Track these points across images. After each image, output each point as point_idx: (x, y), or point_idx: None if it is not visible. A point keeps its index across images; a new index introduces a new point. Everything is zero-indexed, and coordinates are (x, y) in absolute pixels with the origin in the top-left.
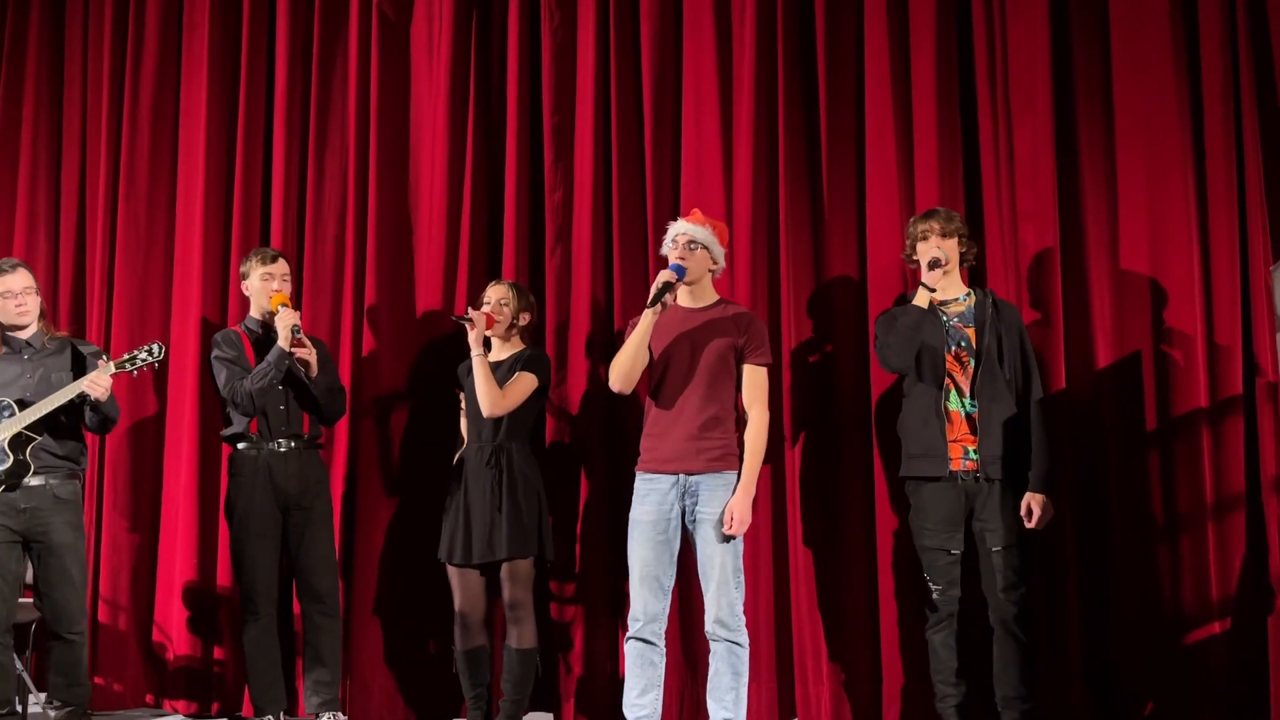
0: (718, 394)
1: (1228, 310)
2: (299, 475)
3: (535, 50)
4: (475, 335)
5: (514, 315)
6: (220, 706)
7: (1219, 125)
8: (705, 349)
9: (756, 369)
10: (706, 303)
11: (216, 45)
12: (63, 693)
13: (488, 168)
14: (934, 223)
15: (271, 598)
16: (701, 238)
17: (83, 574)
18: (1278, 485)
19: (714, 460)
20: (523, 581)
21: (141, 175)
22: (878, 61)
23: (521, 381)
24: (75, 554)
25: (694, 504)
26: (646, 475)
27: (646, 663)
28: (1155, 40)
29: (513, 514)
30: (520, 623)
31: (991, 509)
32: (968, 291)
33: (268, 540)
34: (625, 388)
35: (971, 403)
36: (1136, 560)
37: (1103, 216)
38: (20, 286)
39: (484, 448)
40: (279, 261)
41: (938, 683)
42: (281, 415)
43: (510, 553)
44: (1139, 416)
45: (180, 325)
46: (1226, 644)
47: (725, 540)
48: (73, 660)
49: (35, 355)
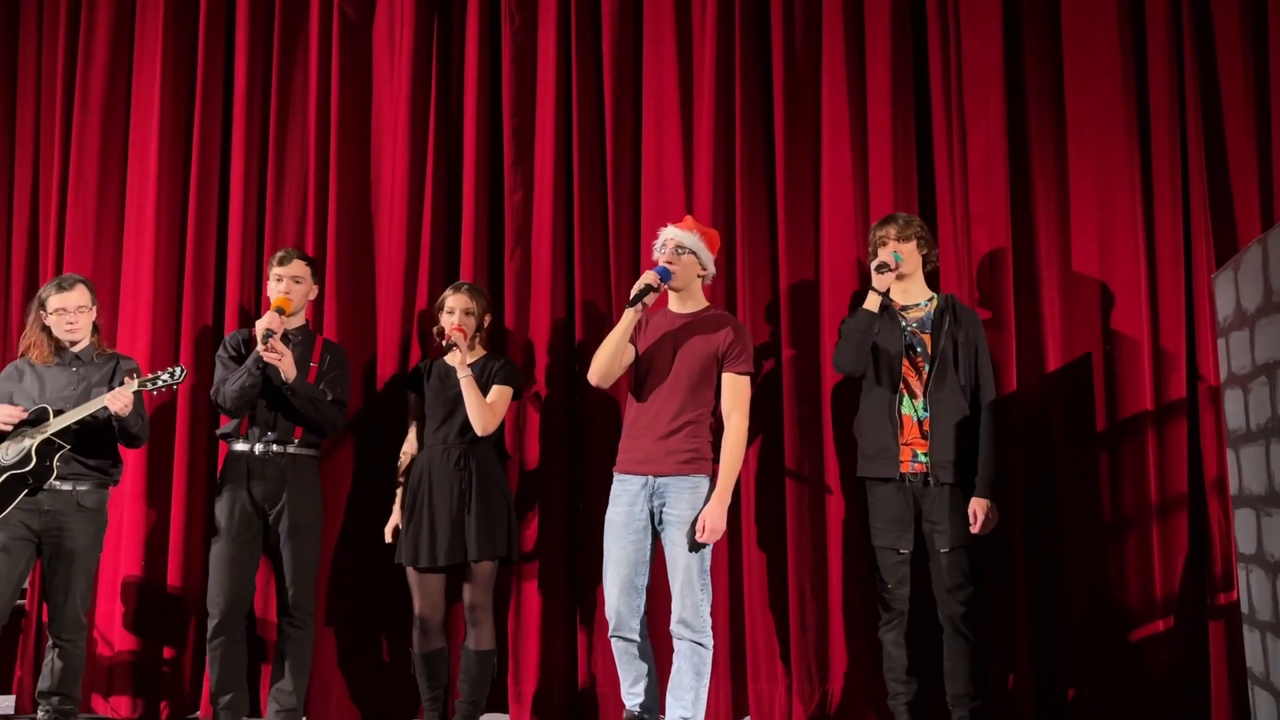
0: (696, 399)
1: (1173, 316)
2: (279, 480)
3: (496, 52)
4: (460, 358)
5: (479, 320)
6: (170, 707)
7: (1165, 135)
8: (688, 354)
9: (737, 378)
10: (695, 309)
11: (171, 41)
12: (51, 700)
13: (448, 169)
14: (890, 228)
15: (241, 602)
16: (690, 243)
17: (89, 584)
18: (1218, 487)
19: (683, 463)
20: (484, 583)
21: (90, 173)
22: (834, 68)
23: (504, 396)
24: (84, 563)
25: (661, 505)
26: (620, 476)
27: (630, 657)
28: (1104, 50)
29: (482, 515)
30: (480, 624)
31: (940, 511)
32: (930, 296)
33: (240, 544)
34: (603, 382)
35: (924, 407)
36: (1084, 559)
37: (1053, 221)
38: (75, 305)
39: (450, 450)
40: (291, 263)
41: (889, 680)
42: (268, 419)
43: (480, 554)
44: (1088, 418)
45: (129, 324)
46: (1169, 642)
47: (694, 547)
48: (66, 668)
49: (82, 368)
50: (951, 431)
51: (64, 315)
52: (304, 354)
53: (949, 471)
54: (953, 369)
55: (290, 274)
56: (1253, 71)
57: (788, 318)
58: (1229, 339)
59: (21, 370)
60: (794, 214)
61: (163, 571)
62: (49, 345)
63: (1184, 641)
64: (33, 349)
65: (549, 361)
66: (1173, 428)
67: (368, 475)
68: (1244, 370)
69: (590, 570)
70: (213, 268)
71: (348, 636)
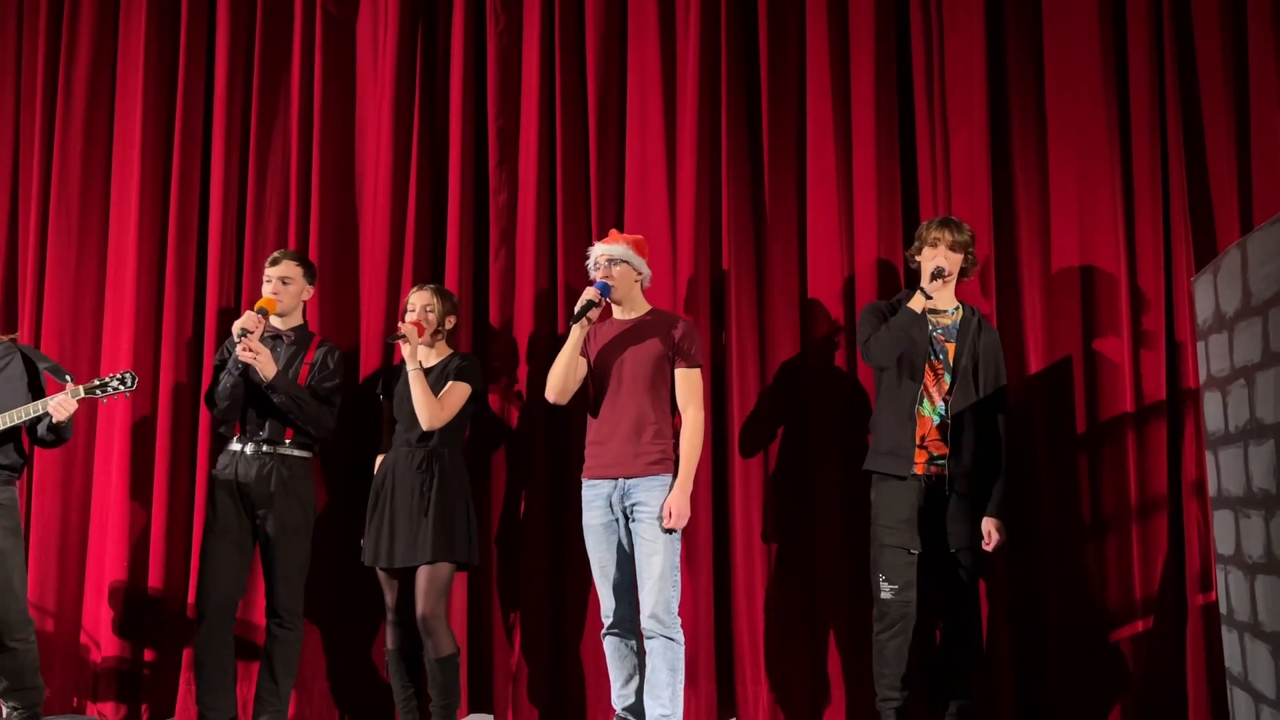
0: (654, 400)
1: (1153, 319)
2: (267, 481)
3: (481, 52)
4: (410, 350)
5: (439, 320)
6: (150, 709)
7: (1145, 138)
8: (639, 357)
9: (689, 371)
10: (638, 313)
11: (153, 39)
12: (14, 696)
13: (433, 169)
14: (947, 232)
15: (228, 603)
16: (619, 254)
17: (23, 580)
18: (1197, 489)
19: (652, 464)
20: (438, 590)
21: (74, 173)
22: (818, 72)
23: (456, 391)
24: (12, 559)
25: (633, 504)
26: (590, 482)
27: (622, 655)
28: (1085, 53)
29: (438, 518)
30: (433, 633)
31: (952, 513)
32: (957, 305)
33: (228, 545)
34: (561, 399)
35: (940, 411)
36: (1063, 560)
37: (1035, 225)
38: None
39: (414, 452)
40: (279, 264)
41: (882, 685)
42: (257, 420)
43: (434, 556)
44: (1069, 420)
45: (113, 325)
46: (1148, 642)
47: (666, 533)
48: (18, 667)
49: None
50: (971, 443)
51: None
52: (297, 354)
53: (965, 482)
54: (973, 382)
55: (279, 274)
56: (1233, 75)
57: (772, 320)
58: (1208, 342)
59: None
60: (778, 216)
61: (146, 574)
62: None
63: (1163, 641)
64: None
65: (532, 362)
66: (1152, 429)
67: (350, 474)
68: (1223, 373)
69: (573, 571)
70: (194, 266)
71: (330, 636)
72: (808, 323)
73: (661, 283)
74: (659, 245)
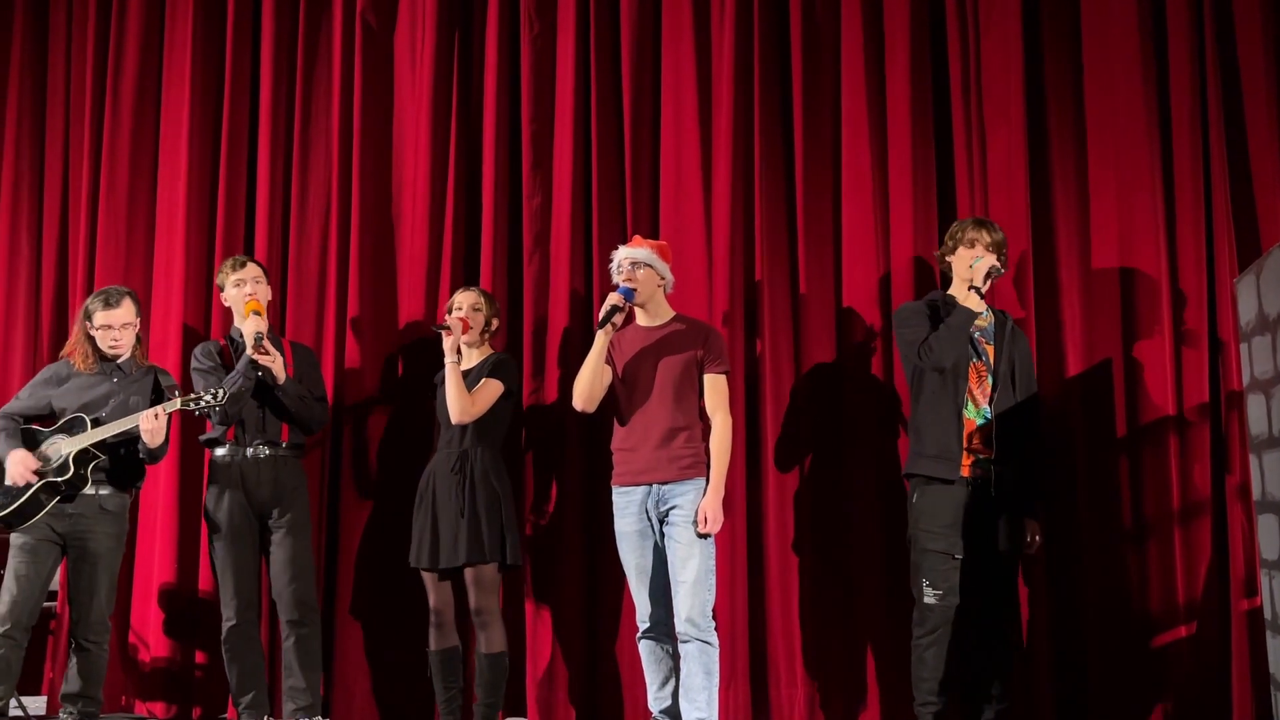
0: (683, 405)
1: (1195, 320)
2: (273, 482)
3: (515, 59)
4: (451, 342)
5: (486, 321)
6: (201, 710)
7: (1186, 139)
8: (669, 364)
9: (716, 377)
10: (663, 320)
11: (199, 53)
12: (77, 702)
13: (469, 174)
14: (985, 233)
15: (250, 603)
16: (643, 258)
17: (112, 586)
18: (1241, 492)
19: (685, 469)
20: (487, 587)
21: (121, 182)
22: (853, 73)
23: (489, 388)
24: (108, 565)
25: (667, 509)
26: (621, 489)
27: (658, 658)
28: (1125, 54)
29: (474, 520)
30: (487, 628)
31: (997, 516)
32: (988, 309)
33: (243, 546)
34: (588, 406)
35: (986, 413)
36: (1105, 564)
37: (1074, 225)
38: (120, 321)
39: (451, 454)
40: (247, 266)
41: (921, 690)
42: (257, 422)
43: (470, 558)
44: (1109, 423)
45: (161, 331)
46: (1191, 647)
47: (701, 537)
48: (89, 669)
49: (123, 380)
50: (1014, 446)
51: (109, 332)
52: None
53: (1009, 485)
54: (1011, 385)
55: (251, 276)
56: (1275, 72)
57: (807, 323)
58: (1251, 344)
59: (62, 375)
60: (813, 218)
61: (194, 576)
62: (92, 354)
63: (1206, 647)
64: (75, 355)
65: (566, 365)
66: (1195, 432)
67: (392, 475)
68: (1266, 375)
69: (606, 573)
70: None
71: (371, 637)
72: (843, 324)
73: (697, 286)
74: (694, 247)
